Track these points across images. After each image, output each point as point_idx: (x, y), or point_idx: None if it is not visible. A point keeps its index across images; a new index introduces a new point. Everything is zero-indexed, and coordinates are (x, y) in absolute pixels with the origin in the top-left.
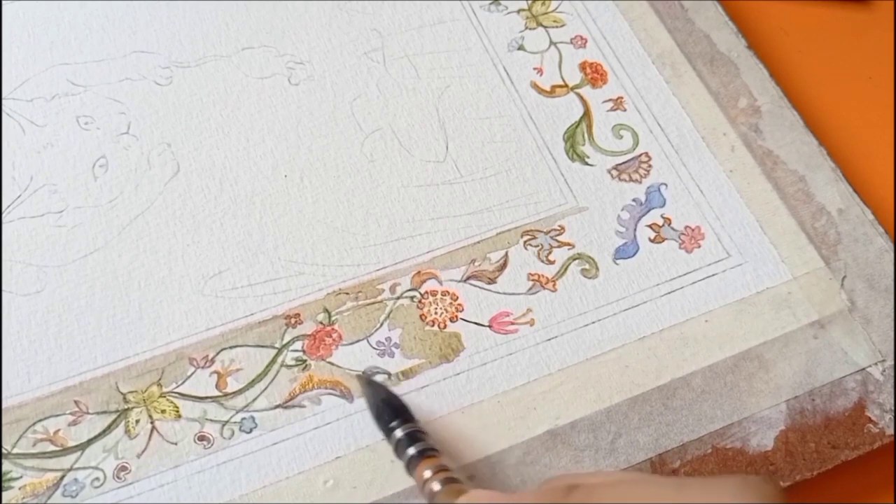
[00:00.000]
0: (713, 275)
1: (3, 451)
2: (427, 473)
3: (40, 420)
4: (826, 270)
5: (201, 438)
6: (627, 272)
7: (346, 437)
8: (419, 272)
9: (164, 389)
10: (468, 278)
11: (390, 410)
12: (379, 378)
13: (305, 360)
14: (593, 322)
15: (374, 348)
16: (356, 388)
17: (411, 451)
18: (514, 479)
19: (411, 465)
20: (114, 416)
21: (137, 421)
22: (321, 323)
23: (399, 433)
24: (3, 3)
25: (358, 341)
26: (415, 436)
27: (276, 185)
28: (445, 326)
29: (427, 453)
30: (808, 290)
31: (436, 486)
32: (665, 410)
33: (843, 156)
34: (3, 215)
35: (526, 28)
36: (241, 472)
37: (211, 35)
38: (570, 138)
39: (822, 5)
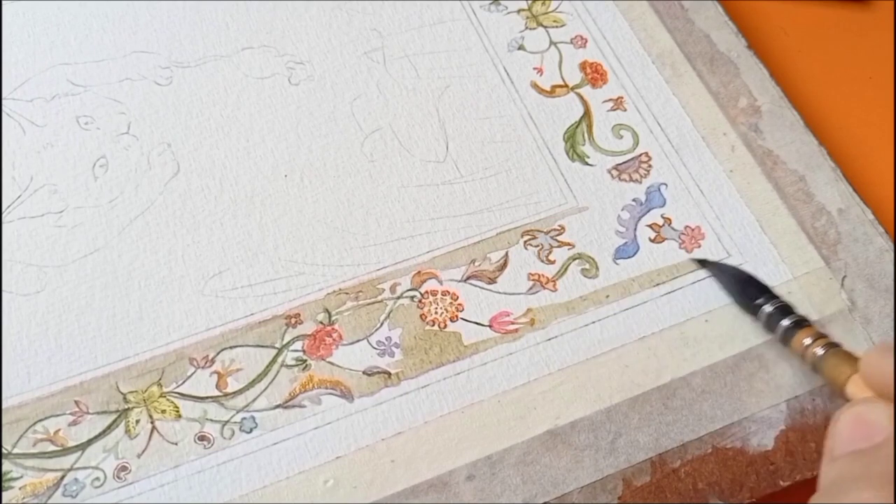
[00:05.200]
0: (714, 274)
1: (3, 451)
2: (807, 341)
3: (40, 420)
4: (826, 270)
5: (201, 438)
6: (627, 272)
7: (346, 437)
8: (419, 272)
9: (165, 389)
10: (468, 278)
11: (754, 288)
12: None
13: (305, 360)
14: (593, 322)
15: (375, 348)
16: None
17: (785, 322)
18: (514, 479)
19: (787, 336)
20: (114, 416)
21: (137, 421)
22: (321, 323)
23: (768, 308)
24: (3, 3)
25: (358, 341)
26: (785, 308)
27: (276, 185)
28: (445, 326)
29: (802, 323)
30: (808, 289)
31: (819, 351)
32: (665, 410)
33: (843, 156)
34: (3, 215)
35: (526, 28)
36: (241, 472)
37: (211, 35)
38: (570, 138)
39: (822, 5)
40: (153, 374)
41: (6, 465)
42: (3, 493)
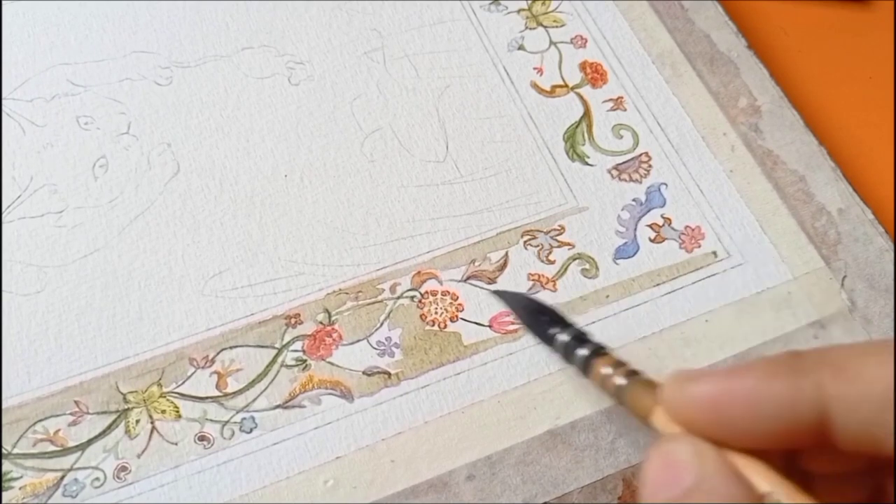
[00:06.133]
0: (713, 275)
1: (3, 451)
2: (607, 370)
3: (40, 420)
4: (826, 270)
5: (201, 438)
6: (627, 272)
7: (346, 437)
8: (419, 272)
9: (165, 389)
10: (468, 278)
11: (546, 318)
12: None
13: (305, 360)
14: (593, 322)
15: (375, 348)
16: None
17: (582, 351)
18: (514, 479)
19: (586, 367)
20: (114, 416)
21: (137, 421)
22: (321, 323)
23: (564, 337)
24: (3, 3)
25: (358, 341)
26: (581, 337)
27: (276, 185)
28: (445, 326)
29: (600, 351)
30: (809, 290)
31: (621, 381)
32: None
33: (843, 156)
34: (3, 215)
35: (526, 28)
36: (241, 472)
37: (211, 35)
38: (570, 138)
39: (822, 5)
40: (153, 374)
41: (6, 465)
42: (3, 493)
